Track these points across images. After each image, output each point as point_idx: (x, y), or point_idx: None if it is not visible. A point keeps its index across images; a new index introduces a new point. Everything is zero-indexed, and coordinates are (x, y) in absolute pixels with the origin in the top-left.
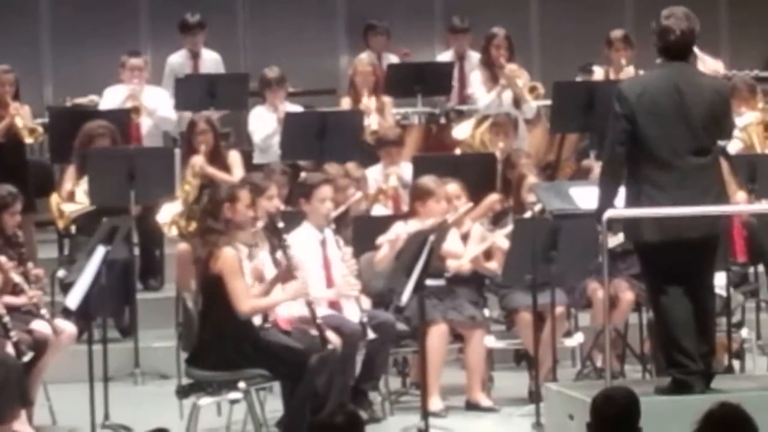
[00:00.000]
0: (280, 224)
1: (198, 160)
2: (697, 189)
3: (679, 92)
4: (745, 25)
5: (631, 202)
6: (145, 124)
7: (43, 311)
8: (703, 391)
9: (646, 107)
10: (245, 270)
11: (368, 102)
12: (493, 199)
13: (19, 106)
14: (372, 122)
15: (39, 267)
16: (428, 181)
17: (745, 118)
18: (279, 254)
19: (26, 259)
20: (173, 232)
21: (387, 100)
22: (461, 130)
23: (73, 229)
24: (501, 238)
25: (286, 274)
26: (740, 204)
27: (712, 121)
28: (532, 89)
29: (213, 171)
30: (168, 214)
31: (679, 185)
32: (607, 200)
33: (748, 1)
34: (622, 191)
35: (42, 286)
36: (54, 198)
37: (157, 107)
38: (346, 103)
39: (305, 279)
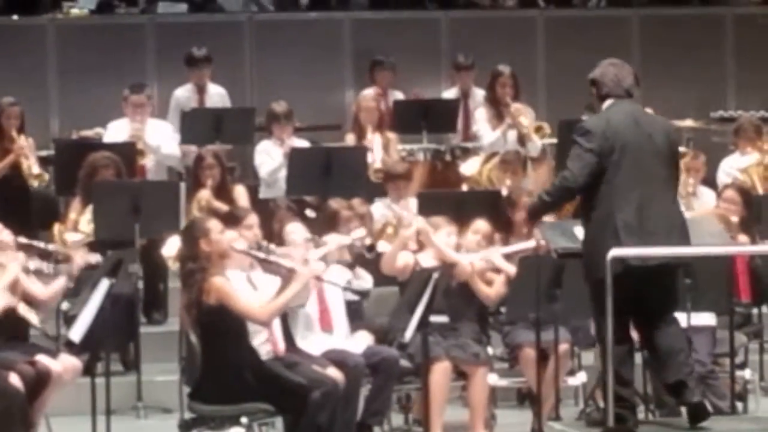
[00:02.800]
0: (261, 255)
1: (205, 194)
2: (665, 218)
3: (637, 123)
4: (752, 65)
5: (597, 235)
6: (149, 160)
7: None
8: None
9: (612, 140)
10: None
11: (372, 138)
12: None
13: (25, 142)
14: (376, 159)
15: None
16: (436, 217)
17: (746, 159)
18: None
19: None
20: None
21: (392, 136)
22: (469, 167)
23: None
24: (497, 256)
25: (289, 274)
26: (743, 245)
27: (670, 151)
28: (538, 129)
29: (219, 205)
30: (173, 247)
31: (648, 215)
32: (543, 210)
33: (755, 41)
34: (580, 230)
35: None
36: (57, 228)
37: (160, 144)
38: (350, 140)
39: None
